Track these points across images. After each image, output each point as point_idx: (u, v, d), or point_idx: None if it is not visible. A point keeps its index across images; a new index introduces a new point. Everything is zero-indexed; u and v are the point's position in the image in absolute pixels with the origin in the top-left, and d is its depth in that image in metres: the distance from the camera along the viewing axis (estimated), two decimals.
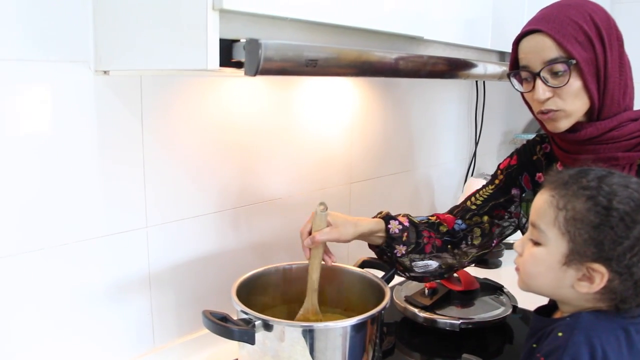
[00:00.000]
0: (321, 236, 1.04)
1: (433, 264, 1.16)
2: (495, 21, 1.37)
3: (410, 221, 1.16)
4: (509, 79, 1.05)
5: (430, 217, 1.22)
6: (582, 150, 1.01)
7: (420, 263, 1.15)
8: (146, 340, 1.13)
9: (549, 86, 0.97)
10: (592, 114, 0.99)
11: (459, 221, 1.19)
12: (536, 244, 0.77)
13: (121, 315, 1.08)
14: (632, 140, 0.98)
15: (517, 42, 1.02)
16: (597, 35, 0.96)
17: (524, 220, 1.19)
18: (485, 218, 1.19)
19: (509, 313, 1.31)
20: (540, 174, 1.14)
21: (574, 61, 0.95)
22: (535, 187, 1.15)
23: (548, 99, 0.98)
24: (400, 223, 1.13)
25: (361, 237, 1.12)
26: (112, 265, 1.04)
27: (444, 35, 1.21)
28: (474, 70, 1.26)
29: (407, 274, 1.16)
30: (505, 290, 1.42)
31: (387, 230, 1.12)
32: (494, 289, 1.43)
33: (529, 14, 1.37)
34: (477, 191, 1.23)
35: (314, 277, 1.07)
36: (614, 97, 0.98)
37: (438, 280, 1.23)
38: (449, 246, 1.17)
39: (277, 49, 0.73)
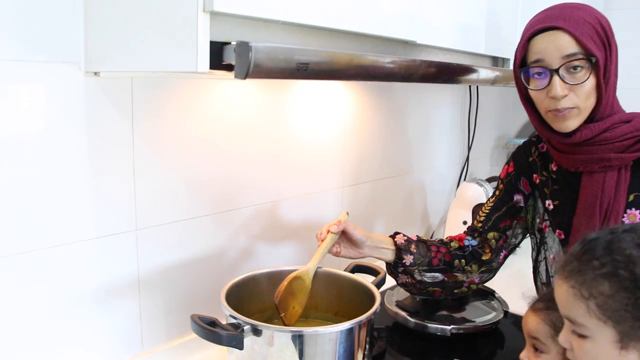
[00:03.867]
0: (336, 227, 1.11)
1: (440, 276, 1.19)
2: (489, 26, 1.38)
3: (419, 238, 1.21)
4: (519, 76, 1.04)
5: (443, 239, 1.26)
6: (576, 150, 1.03)
7: (429, 274, 1.19)
8: (135, 345, 1.12)
9: (566, 83, 0.98)
10: (589, 116, 1.01)
11: (469, 237, 1.23)
12: (581, 336, 0.72)
13: (110, 318, 1.06)
14: (625, 142, 0.99)
15: (528, 39, 1.01)
16: (606, 38, 0.98)
17: (529, 222, 1.21)
18: (491, 235, 1.21)
19: (500, 318, 1.31)
20: (536, 175, 1.16)
21: (594, 58, 0.96)
22: (534, 189, 1.17)
23: (564, 96, 0.98)
24: (405, 236, 1.20)
25: (373, 249, 1.16)
26: (101, 268, 1.03)
27: (438, 40, 1.21)
28: (468, 75, 1.25)
29: (418, 285, 1.19)
30: (496, 295, 1.41)
31: (394, 243, 1.18)
32: (486, 294, 1.43)
33: (522, 19, 1.37)
34: (482, 208, 1.25)
35: (322, 250, 1.11)
36: (609, 100, 1.00)
37: (449, 297, 1.26)
38: (456, 261, 1.20)
39: (267, 52, 0.73)
